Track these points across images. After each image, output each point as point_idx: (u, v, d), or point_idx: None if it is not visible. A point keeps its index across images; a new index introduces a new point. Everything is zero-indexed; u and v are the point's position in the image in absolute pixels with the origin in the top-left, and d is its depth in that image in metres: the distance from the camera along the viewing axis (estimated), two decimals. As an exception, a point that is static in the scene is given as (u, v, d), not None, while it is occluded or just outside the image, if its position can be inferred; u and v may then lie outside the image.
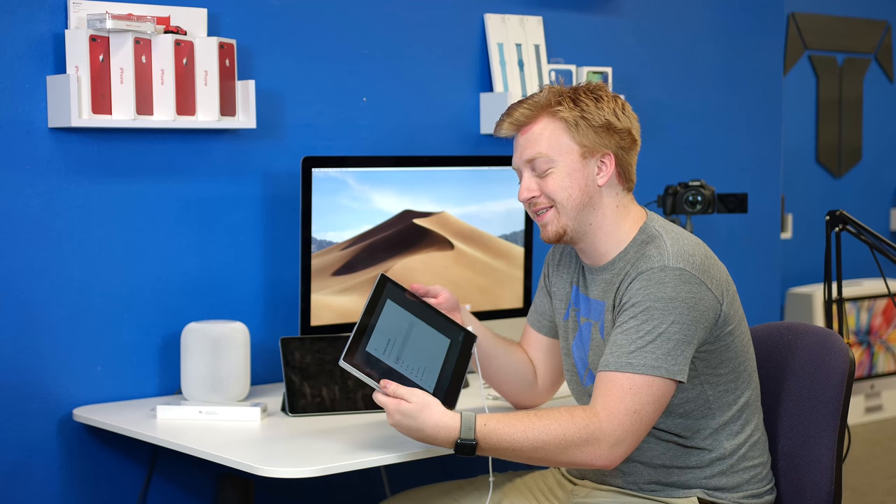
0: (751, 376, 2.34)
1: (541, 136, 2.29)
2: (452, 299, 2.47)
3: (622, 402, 2.15)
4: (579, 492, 2.40)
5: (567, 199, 2.29)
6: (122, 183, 2.81)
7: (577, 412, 2.15)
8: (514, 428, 2.15)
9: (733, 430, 2.30)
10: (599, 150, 2.29)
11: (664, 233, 2.28)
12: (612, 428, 2.14)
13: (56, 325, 2.73)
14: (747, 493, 2.32)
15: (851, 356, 2.37)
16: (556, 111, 2.28)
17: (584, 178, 2.29)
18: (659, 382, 2.16)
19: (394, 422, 2.19)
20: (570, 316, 2.42)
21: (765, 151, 4.15)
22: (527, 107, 2.31)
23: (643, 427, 2.17)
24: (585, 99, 2.29)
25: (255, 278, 3.01)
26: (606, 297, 2.30)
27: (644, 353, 2.16)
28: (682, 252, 2.23)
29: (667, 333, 2.16)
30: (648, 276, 2.20)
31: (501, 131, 2.34)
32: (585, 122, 2.27)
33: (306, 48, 3.07)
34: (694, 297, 2.19)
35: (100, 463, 2.80)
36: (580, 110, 2.28)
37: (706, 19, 3.96)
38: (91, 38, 2.64)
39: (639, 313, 2.18)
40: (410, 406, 2.17)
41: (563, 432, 2.13)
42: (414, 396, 2.18)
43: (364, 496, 3.18)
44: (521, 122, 2.31)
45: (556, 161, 2.28)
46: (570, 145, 2.28)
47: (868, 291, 5.42)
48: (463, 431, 2.15)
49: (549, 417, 2.15)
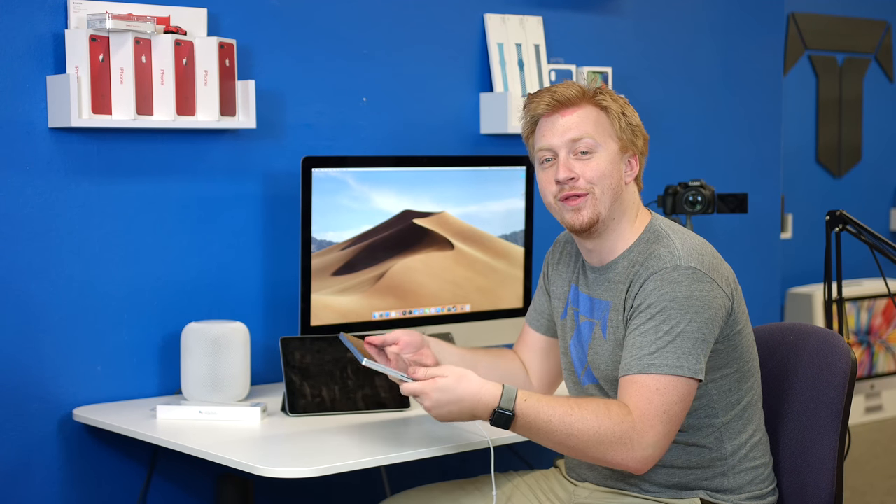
0: (754, 377, 2.34)
1: (587, 119, 2.28)
2: (414, 340, 2.42)
3: (651, 403, 2.14)
4: (581, 493, 2.40)
5: (608, 186, 2.28)
6: (122, 183, 2.81)
7: (613, 407, 2.14)
8: (552, 409, 2.13)
9: (735, 430, 2.30)
10: (631, 148, 2.32)
11: (671, 232, 2.29)
12: (645, 429, 2.13)
13: (56, 325, 2.73)
14: (750, 495, 2.32)
15: (853, 357, 2.37)
16: (599, 100, 2.29)
17: (619, 171, 2.30)
18: (683, 382, 2.16)
19: (431, 402, 2.15)
20: (568, 315, 2.42)
21: (765, 151, 4.15)
22: (569, 88, 2.29)
23: (673, 428, 2.17)
24: (618, 98, 2.33)
25: (255, 278, 3.01)
26: (612, 296, 2.30)
27: (665, 353, 2.15)
28: (692, 251, 2.23)
29: (686, 333, 2.16)
30: (662, 276, 2.20)
31: (540, 107, 2.31)
32: (626, 118, 2.30)
33: (306, 48, 3.07)
34: (708, 296, 2.19)
35: (100, 463, 2.80)
36: (620, 106, 2.31)
37: (706, 19, 3.96)
38: (91, 38, 2.64)
39: (655, 314, 2.18)
40: (447, 380, 2.15)
41: (598, 425, 2.12)
42: (447, 370, 2.17)
43: (364, 496, 3.18)
44: (563, 101, 2.29)
45: (600, 146, 2.28)
46: (613, 136, 2.30)
47: (868, 291, 5.42)
48: (503, 401, 2.13)
49: (588, 407, 2.14)
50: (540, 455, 3.35)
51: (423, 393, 2.16)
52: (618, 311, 2.28)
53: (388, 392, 2.71)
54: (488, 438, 2.34)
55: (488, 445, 2.33)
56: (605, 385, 2.32)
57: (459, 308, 3.09)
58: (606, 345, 2.30)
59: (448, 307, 3.07)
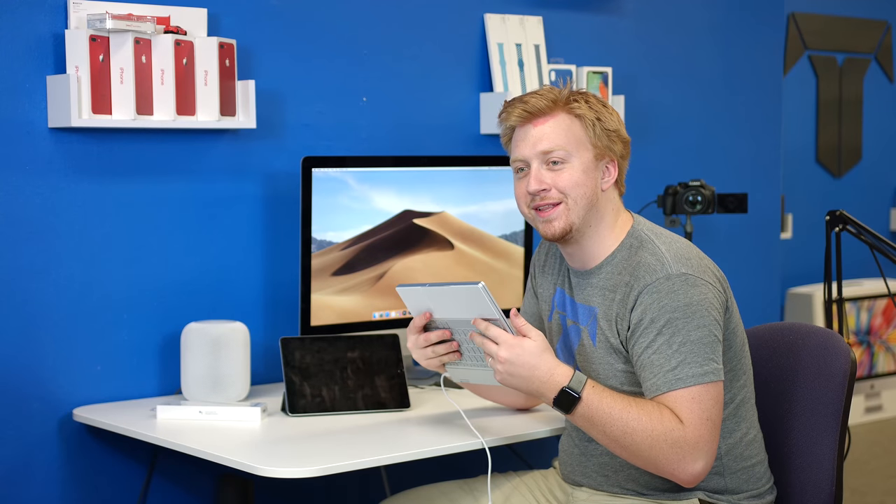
0: (746, 375, 2.34)
1: (558, 129, 2.27)
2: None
3: (692, 412, 2.14)
4: (579, 495, 2.39)
5: (580, 196, 2.27)
6: (122, 183, 2.81)
7: (665, 411, 2.15)
8: (615, 402, 2.14)
9: (728, 428, 2.30)
10: (608, 154, 2.30)
11: (654, 237, 2.28)
12: (696, 439, 2.14)
13: (56, 325, 2.73)
14: (748, 494, 2.32)
15: (853, 357, 2.37)
16: (572, 108, 2.27)
17: (593, 179, 2.29)
18: (712, 387, 2.16)
19: (511, 355, 2.14)
20: (554, 318, 2.42)
21: (765, 151, 4.15)
22: (540, 97, 2.28)
23: (717, 434, 2.17)
24: (596, 103, 2.29)
25: (255, 278, 3.01)
26: (597, 301, 2.30)
27: (687, 365, 2.15)
28: (679, 255, 2.23)
29: (698, 340, 2.16)
30: (657, 288, 2.19)
31: (511, 118, 2.30)
32: (601, 124, 2.28)
33: (306, 48, 3.07)
34: (705, 298, 2.19)
35: (100, 463, 2.80)
36: (595, 112, 2.28)
37: (706, 19, 3.95)
38: (91, 38, 2.64)
39: (662, 328, 2.18)
40: (535, 344, 2.15)
41: (652, 426, 2.12)
42: (537, 335, 2.17)
43: (364, 496, 3.18)
44: (535, 111, 2.28)
45: (572, 155, 2.27)
46: (586, 144, 2.28)
47: (868, 291, 5.42)
48: (573, 382, 2.14)
49: (646, 408, 2.14)
50: (539, 455, 3.35)
51: (506, 344, 2.15)
52: (608, 320, 2.27)
53: (388, 392, 2.71)
54: (482, 441, 2.34)
55: (484, 446, 2.33)
56: None
57: (459, 308, 3.09)
58: (596, 353, 2.30)
59: (448, 307, 3.07)
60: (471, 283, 2.16)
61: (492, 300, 2.16)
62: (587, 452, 2.36)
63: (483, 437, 2.39)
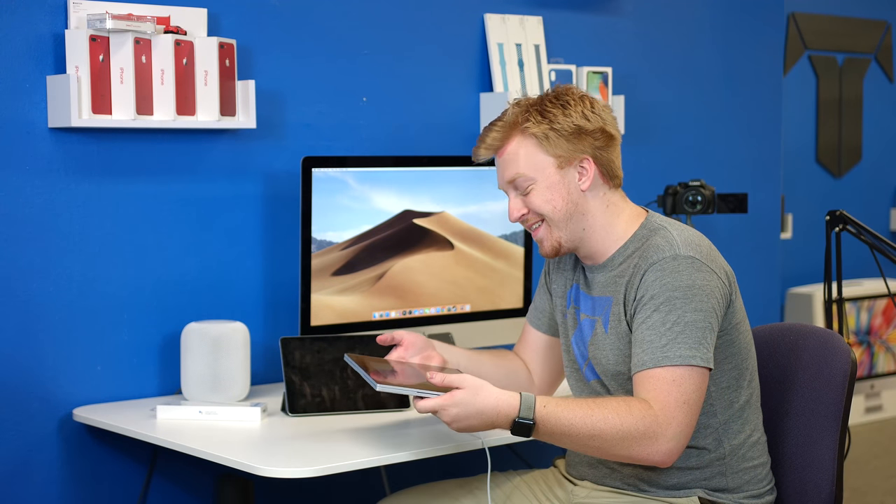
0: (752, 376, 2.34)
1: (516, 156, 2.30)
2: (417, 342, 2.43)
3: (670, 394, 2.14)
4: (579, 492, 2.40)
5: (553, 212, 2.30)
6: (122, 183, 2.81)
7: (633, 403, 2.14)
8: (572, 413, 2.13)
9: (734, 430, 2.30)
10: (576, 156, 2.29)
11: (668, 225, 2.30)
12: (668, 421, 2.13)
13: (56, 325, 2.73)
14: (748, 494, 2.32)
15: (853, 357, 2.37)
16: (525, 128, 2.29)
17: (565, 188, 2.30)
18: (697, 371, 2.16)
19: (450, 417, 2.13)
20: (570, 315, 2.42)
21: (765, 151, 4.15)
22: (497, 129, 2.32)
23: (693, 418, 2.17)
24: (552, 109, 2.29)
25: (255, 278, 3.01)
26: (612, 291, 2.30)
27: (677, 344, 2.16)
28: (690, 241, 2.24)
29: (693, 322, 2.17)
30: (662, 266, 2.20)
31: (479, 157, 2.36)
32: (555, 133, 2.27)
33: (306, 48, 3.07)
34: (709, 285, 2.20)
35: (100, 463, 2.80)
36: (548, 122, 2.28)
37: (706, 19, 3.96)
38: (91, 38, 2.64)
39: (660, 305, 2.18)
40: (465, 392, 2.13)
41: (621, 423, 2.12)
42: (465, 381, 2.15)
43: (364, 496, 3.18)
44: (494, 145, 2.33)
45: (534, 178, 2.30)
46: (545, 159, 2.29)
47: (868, 291, 5.42)
48: (522, 410, 2.12)
49: (608, 406, 2.14)
50: (539, 455, 3.35)
51: (441, 408, 2.14)
52: (619, 304, 2.28)
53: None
54: (482, 440, 2.34)
55: (483, 447, 2.33)
56: (607, 380, 2.32)
57: (459, 308, 3.09)
58: (608, 339, 2.30)
59: (448, 307, 3.07)
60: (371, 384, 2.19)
61: (399, 388, 2.17)
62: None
63: (482, 437, 2.39)
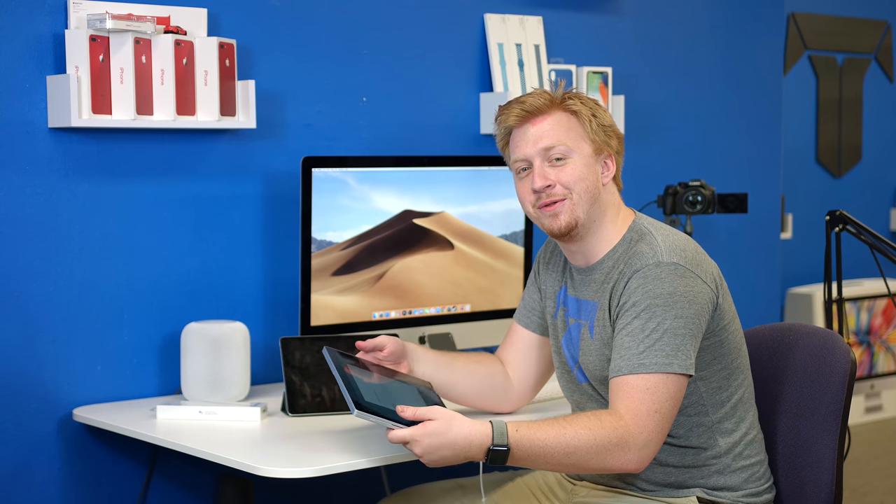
0: (744, 374, 2.35)
1: (558, 126, 2.30)
2: (397, 350, 2.42)
3: (643, 403, 2.15)
4: (579, 492, 2.40)
5: (584, 190, 2.29)
6: (122, 183, 2.81)
7: (604, 416, 2.15)
8: (545, 433, 2.13)
9: (727, 428, 2.31)
10: (605, 149, 2.33)
11: (654, 230, 2.30)
12: (639, 430, 2.14)
13: (56, 326, 2.73)
14: (747, 492, 2.32)
15: (853, 357, 2.37)
16: (569, 105, 2.31)
17: (594, 174, 2.31)
18: (673, 379, 2.16)
19: (422, 449, 2.12)
20: (559, 316, 2.42)
21: (765, 151, 4.15)
22: (538, 98, 2.31)
23: (666, 425, 2.18)
24: (589, 100, 2.34)
25: (255, 278, 3.01)
26: (598, 297, 2.31)
27: (653, 351, 2.16)
28: (674, 247, 2.24)
29: (672, 329, 2.17)
30: (645, 274, 2.21)
31: (510, 119, 2.32)
32: (597, 120, 2.31)
33: (306, 48, 3.07)
34: (692, 291, 2.20)
35: (100, 463, 2.80)
36: (591, 109, 2.32)
37: (706, 19, 3.96)
38: (91, 38, 2.64)
39: (641, 312, 2.18)
40: (437, 423, 2.12)
41: (593, 437, 2.12)
42: (437, 412, 2.14)
43: (364, 496, 3.18)
44: (533, 110, 2.30)
45: (574, 151, 2.30)
46: (585, 139, 2.31)
47: (868, 291, 5.42)
48: (496, 437, 2.11)
49: (579, 423, 2.14)
50: (540, 455, 3.34)
51: (413, 439, 2.12)
52: (603, 310, 2.29)
53: (388, 392, 2.71)
54: None
55: None
56: (596, 384, 2.32)
57: (459, 308, 3.09)
58: (594, 344, 2.30)
59: (448, 307, 3.07)
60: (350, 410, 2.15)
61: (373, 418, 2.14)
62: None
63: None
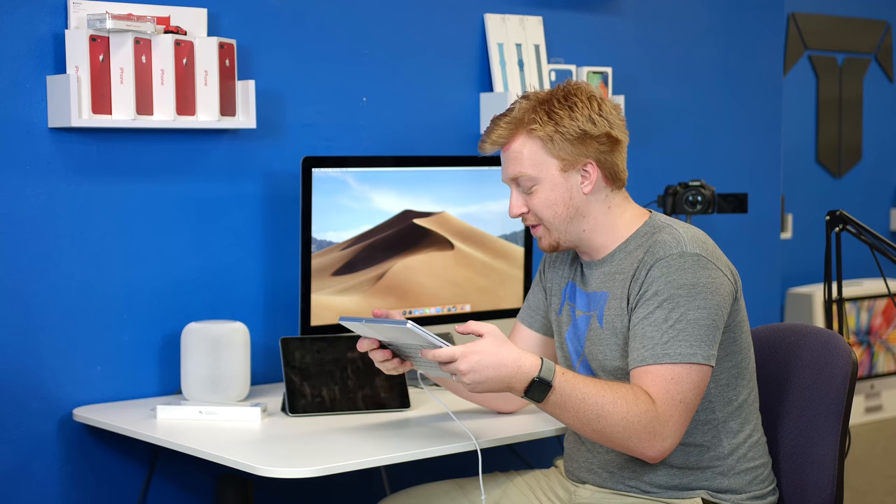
0: (751, 376, 2.35)
1: (520, 155, 2.29)
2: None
3: (668, 392, 2.15)
4: (582, 492, 2.40)
5: (553, 217, 2.30)
6: (122, 183, 2.81)
7: (640, 394, 2.14)
8: (587, 388, 2.12)
9: (732, 428, 2.30)
10: (579, 160, 2.28)
11: (674, 223, 2.31)
12: (666, 419, 2.14)
13: (56, 326, 2.73)
14: (750, 495, 2.32)
15: (854, 358, 2.37)
16: (531, 129, 2.28)
17: (567, 192, 2.29)
18: (697, 369, 2.16)
19: (469, 366, 2.06)
20: (564, 311, 2.42)
21: (765, 151, 4.15)
22: (503, 125, 2.31)
23: (688, 417, 2.18)
24: (559, 110, 2.27)
25: (255, 278, 3.01)
26: (609, 286, 2.30)
27: (678, 342, 2.16)
28: (696, 239, 2.25)
29: (696, 320, 2.17)
30: (668, 263, 2.20)
31: (485, 150, 2.35)
32: (560, 136, 2.26)
33: (306, 48, 3.07)
34: (714, 283, 2.20)
35: (100, 463, 2.80)
36: (554, 124, 2.26)
37: (706, 19, 3.95)
38: (91, 38, 2.64)
39: (663, 301, 2.18)
40: (488, 341, 2.08)
41: (628, 411, 2.11)
42: (489, 328, 2.10)
43: (364, 496, 3.18)
44: (500, 141, 2.32)
45: (537, 178, 2.29)
46: (549, 161, 2.28)
47: (868, 291, 5.42)
48: (543, 371, 2.09)
49: (619, 391, 2.13)
50: (540, 455, 3.35)
51: (462, 355, 2.06)
52: (618, 299, 2.27)
53: (389, 392, 2.71)
54: (475, 441, 2.34)
55: (476, 448, 2.32)
56: (602, 375, 2.32)
57: (459, 308, 3.09)
58: (603, 334, 2.30)
59: (448, 307, 3.08)
60: (399, 323, 2.10)
61: (425, 332, 2.08)
62: (593, 449, 2.36)
63: (481, 437, 2.39)
